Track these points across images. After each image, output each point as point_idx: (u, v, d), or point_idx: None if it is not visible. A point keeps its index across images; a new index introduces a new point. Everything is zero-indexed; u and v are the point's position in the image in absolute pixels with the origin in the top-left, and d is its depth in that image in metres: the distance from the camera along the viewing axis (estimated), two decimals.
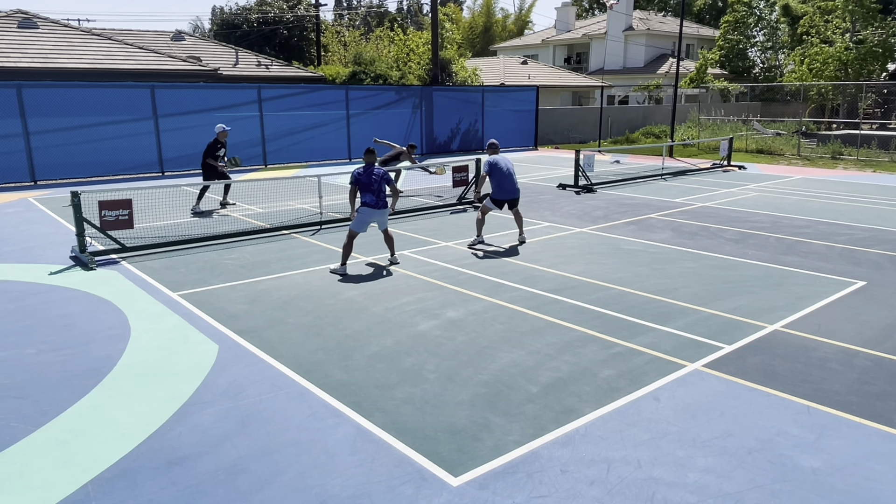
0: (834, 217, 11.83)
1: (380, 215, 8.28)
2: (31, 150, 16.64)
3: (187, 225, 11.16)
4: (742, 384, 4.94)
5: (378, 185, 8.13)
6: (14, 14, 23.24)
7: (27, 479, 3.79)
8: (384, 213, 8.31)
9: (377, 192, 8.10)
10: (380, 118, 23.19)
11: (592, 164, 15.49)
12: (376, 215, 8.24)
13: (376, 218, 8.27)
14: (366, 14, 63.31)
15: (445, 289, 7.45)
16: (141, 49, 23.42)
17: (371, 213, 8.19)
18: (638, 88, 40.64)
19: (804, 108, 31.71)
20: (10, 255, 9.08)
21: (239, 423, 4.43)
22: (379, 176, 8.15)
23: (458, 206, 12.85)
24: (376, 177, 8.13)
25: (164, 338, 5.98)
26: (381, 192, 8.16)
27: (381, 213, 8.26)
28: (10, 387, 4.97)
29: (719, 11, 52.14)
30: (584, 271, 8.15)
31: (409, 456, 4.00)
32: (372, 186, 8.10)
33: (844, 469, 3.85)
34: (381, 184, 8.17)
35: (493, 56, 49.96)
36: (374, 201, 8.11)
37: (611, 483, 3.73)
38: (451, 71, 28.12)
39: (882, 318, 6.42)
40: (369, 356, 5.53)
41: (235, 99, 19.90)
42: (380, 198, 8.15)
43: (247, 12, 41.86)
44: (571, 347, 5.69)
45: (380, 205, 8.15)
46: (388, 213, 8.38)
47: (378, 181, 8.11)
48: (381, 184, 8.17)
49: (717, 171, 19.36)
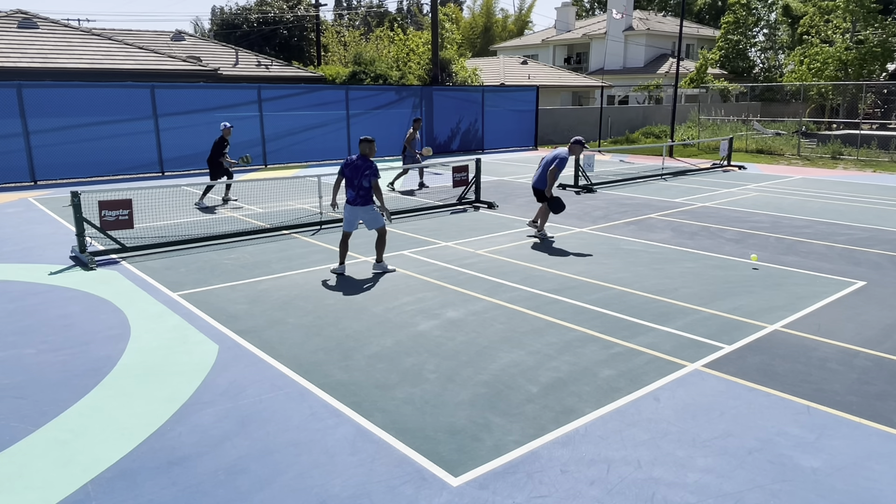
0: (834, 217, 11.83)
1: (363, 213, 7.71)
2: (31, 150, 16.64)
3: (187, 225, 11.16)
4: (742, 384, 4.94)
5: (358, 181, 7.57)
6: (14, 14, 23.24)
7: (27, 479, 3.79)
8: (367, 212, 7.69)
9: (357, 188, 7.57)
10: (380, 118, 23.18)
11: (592, 164, 15.50)
12: (357, 213, 7.72)
13: (359, 216, 7.72)
14: (366, 14, 63.32)
15: (445, 289, 7.45)
16: (141, 49, 23.43)
17: (350, 211, 7.72)
18: (638, 88, 40.66)
19: (804, 108, 31.71)
20: (10, 255, 9.08)
21: (239, 423, 4.43)
22: (360, 170, 7.54)
23: (458, 206, 12.85)
24: (358, 170, 7.56)
25: (164, 338, 5.98)
26: (361, 188, 7.58)
27: (361, 210, 7.71)
28: (10, 387, 4.97)
29: (719, 11, 52.14)
30: (584, 271, 8.15)
31: (409, 456, 4.00)
32: (353, 181, 7.59)
33: (844, 469, 3.85)
34: (361, 179, 7.58)
35: (493, 56, 49.98)
36: (352, 197, 7.65)
37: (611, 483, 3.73)
38: (451, 71, 28.12)
39: (882, 318, 6.42)
40: (369, 356, 5.53)
41: (235, 99, 19.90)
42: (359, 194, 7.61)
43: (247, 12, 41.87)
44: (571, 347, 5.69)
45: (357, 202, 7.61)
46: (374, 212, 7.72)
47: (359, 176, 7.51)
48: (362, 179, 7.57)
49: (717, 171, 19.36)
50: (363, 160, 7.57)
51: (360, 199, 7.57)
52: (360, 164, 7.56)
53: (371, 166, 7.52)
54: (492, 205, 12.86)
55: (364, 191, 7.56)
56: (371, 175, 7.54)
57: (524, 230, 10.60)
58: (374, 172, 7.52)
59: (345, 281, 7.77)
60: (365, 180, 7.54)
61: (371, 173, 7.52)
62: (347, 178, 7.65)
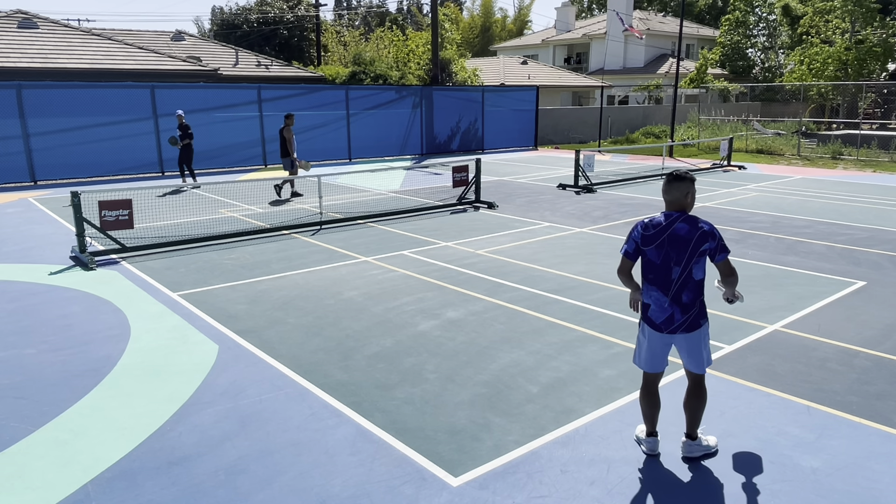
0: (834, 217, 11.83)
1: (687, 341, 3.97)
2: (31, 151, 16.64)
3: (187, 225, 11.16)
4: (742, 384, 4.94)
5: (684, 270, 3.86)
6: (14, 14, 23.23)
7: (27, 479, 3.79)
8: (696, 339, 3.93)
9: (681, 288, 3.86)
10: (380, 118, 23.19)
11: (592, 164, 15.49)
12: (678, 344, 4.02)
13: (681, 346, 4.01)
14: (366, 14, 63.32)
15: (445, 289, 7.45)
16: (141, 49, 23.42)
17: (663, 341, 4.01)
18: (638, 88, 40.65)
19: (804, 108, 31.70)
20: (10, 255, 9.07)
21: (239, 423, 4.42)
22: (686, 243, 3.86)
23: (458, 206, 12.85)
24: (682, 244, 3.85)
25: (164, 338, 5.98)
26: (688, 285, 3.85)
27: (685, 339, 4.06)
28: (10, 387, 4.97)
29: (719, 11, 52.15)
30: (584, 271, 8.14)
31: (409, 456, 4.00)
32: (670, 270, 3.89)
33: (844, 469, 3.85)
34: (690, 263, 3.87)
35: (492, 56, 49.98)
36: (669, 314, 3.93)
37: (611, 483, 3.73)
38: (450, 71, 28.12)
39: (882, 318, 6.42)
40: (369, 356, 5.53)
41: (235, 99, 19.90)
42: (684, 303, 3.91)
43: (247, 12, 41.88)
44: (571, 347, 5.69)
45: (682, 321, 3.89)
46: (704, 337, 3.96)
47: (686, 257, 3.83)
48: (692, 265, 3.87)
49: (717, 171, 19.36)
50: (690, 222, 3.82)
51: (686, 313, 3.82)
52: (686, 231, 3.79)
53: (713, 233, 3.82)
54: (492, 205, 12.86)
55: (694, 292, 3.83)
56: (714, 250, 3.81)
57: (524, 230, 10.60)
58: (719, 245, 3.82)
59: (345, 281, 7.77)
60: (698, 267, 3.82)
61: (713, 247, 3.80)
62: (656, 265, 3.86)
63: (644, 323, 3.98)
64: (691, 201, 3.90)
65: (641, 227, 3.91)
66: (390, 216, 11.83)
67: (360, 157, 22.90)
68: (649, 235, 3.86)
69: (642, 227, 3.91)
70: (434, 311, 6.65)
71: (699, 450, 3.99)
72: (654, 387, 4.05)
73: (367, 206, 12.89)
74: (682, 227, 3.78)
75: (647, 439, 4.06)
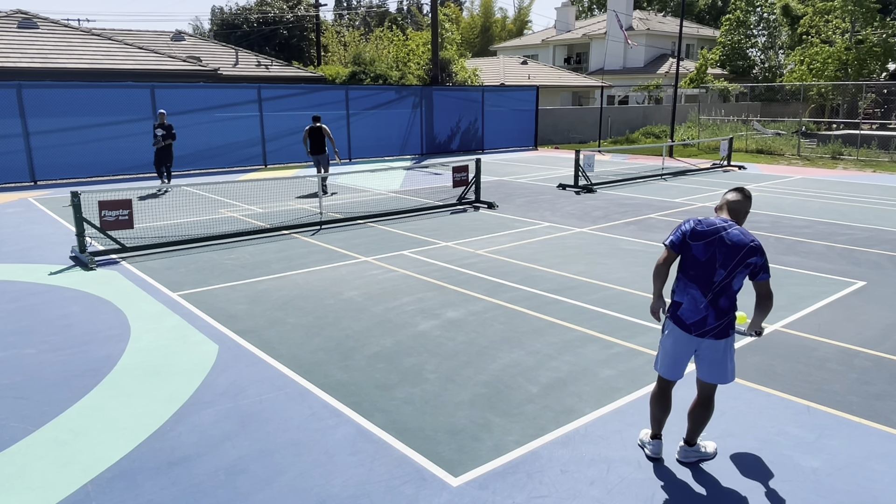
0: (834, 217, 11.83)
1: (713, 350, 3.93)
2: (31, 150, 16.63)
3: (187, 225, 11.16)
4: (742, 384, 4.94)
5: (725, 276, 3.79)
6: (14, 14, 23.23)
7: (27, 479, 3.79)
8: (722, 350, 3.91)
9: (719, 293, 3.82)
10: (379, 118, 23.19)
11: (592, 164, 15.49)
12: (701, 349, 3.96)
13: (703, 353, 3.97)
14: (366, 14, 63.33)
15: (445, 289, 7.45)
16: (141, 49, 23.42)
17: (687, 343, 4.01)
18: (638, 88, 40.65)
19: (804, 108, 31.70)
20: (10, 255, 9.07)
21: (239, 423, 4.42)
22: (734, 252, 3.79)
23: (458, 206, 12.86)
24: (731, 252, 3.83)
25: (164, 338, 5.98)
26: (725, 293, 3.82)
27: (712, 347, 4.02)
28: (10, 387, 4.97)
29: (719, 11, 52.15)
30: (584, 271, 8.14)
31: (408, 456, 4.00)
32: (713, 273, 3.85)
33: (844, 469, 3.85)
34: (733, 273, 3.83)
35: (492, 56, 49.98)
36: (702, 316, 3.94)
37: (611, 483, 3.73)
38: (450, 71, 28.12)
39: (882, 318, 6.42)
40: (369, 356, 5.53)
41: (235, 99, 19.89)
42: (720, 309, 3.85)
43: (247, 12, 41.88)
44: (571, 347, 5.69)
45: (713, 325, 3.84)
46: (730, 349, 3.93)
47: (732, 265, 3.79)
48: (735, 274, 3.81)
49: (718, 171, 19.36)
50: (744, 233, 3.76)
51: (720, 319, 3.79)
52: (738, 239, 3.72)
53: (762, 250, 3.73)
54: (492, 205, 12.86)
55: (731, 300, 3.80)
56: (759, 267, 3.72)
57: (524, 230, 10.60)
58: (766, 264, 3.73)
59: (345, 281, 7.77)
60: (740, 278, 3.76)
61: (759, 263, 3.71)
62: (700, 262, 3.78)
63: (671, 322, 3.87)
64: (745, 218, 3.92)
65: (694, 222, 3.81)
66: (390, 216, 11.83)
67: (360, 157, 22.90)
68: (701, 231, 3.76)
69: (695, 222, 3.81)
70: (434, 311, 6.65)
71: (695, 455, 3.98)
72: (669, 391, 4.02)
73: (367, 206, 12.89)
74: (736, 235, 3.71)
75: (652, 442, 4.02)
